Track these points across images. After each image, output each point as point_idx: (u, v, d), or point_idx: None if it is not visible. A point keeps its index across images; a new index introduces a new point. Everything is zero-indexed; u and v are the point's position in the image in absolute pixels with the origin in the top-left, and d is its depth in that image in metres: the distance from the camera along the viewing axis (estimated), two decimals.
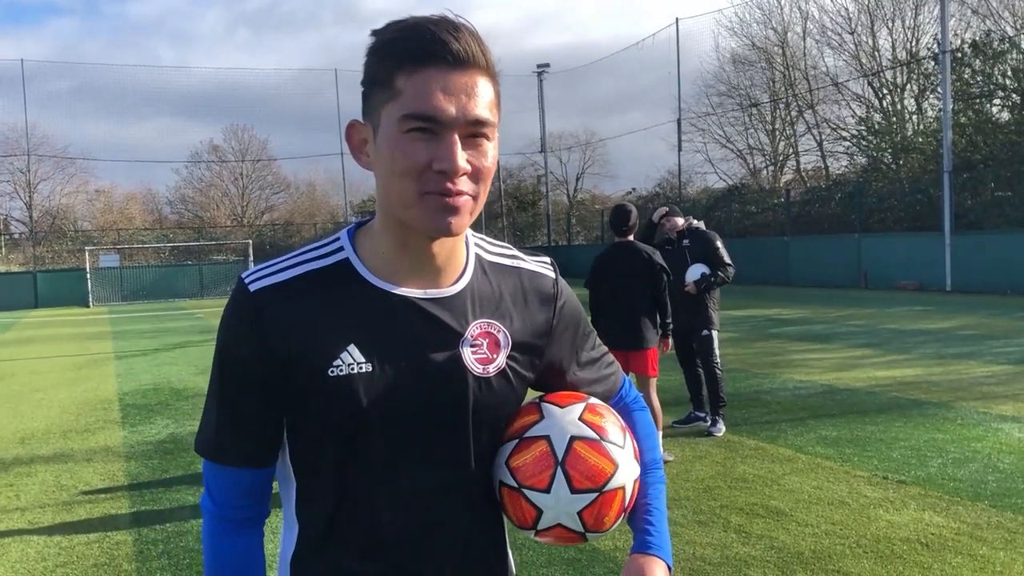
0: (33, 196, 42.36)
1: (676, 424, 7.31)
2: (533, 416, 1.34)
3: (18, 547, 4.97)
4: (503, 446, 1.33)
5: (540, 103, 43.45)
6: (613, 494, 1.31)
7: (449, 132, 1.15)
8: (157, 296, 32.76)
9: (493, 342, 1.31)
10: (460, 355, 1.27)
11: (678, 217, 7.40)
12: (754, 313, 17.37)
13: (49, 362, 14.07)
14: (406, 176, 1.16)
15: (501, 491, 1.33)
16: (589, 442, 1.31)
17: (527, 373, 1.36)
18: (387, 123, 1.17)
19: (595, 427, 1.33)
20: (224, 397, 1.29)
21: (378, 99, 1.18)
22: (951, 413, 7.47)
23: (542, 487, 1.29)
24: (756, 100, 38.20)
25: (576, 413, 1.34)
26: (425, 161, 1.15)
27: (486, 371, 1.29)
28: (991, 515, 4.82)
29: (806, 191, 33.36)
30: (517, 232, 46.01)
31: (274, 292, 1.24)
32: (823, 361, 10.84)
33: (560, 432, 1.31)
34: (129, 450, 7.27)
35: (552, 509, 1.30)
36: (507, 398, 1.33)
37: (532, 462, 1.30)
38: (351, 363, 1.23)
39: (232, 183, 51.91)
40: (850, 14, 34.22)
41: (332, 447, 1.26)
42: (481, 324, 1.30)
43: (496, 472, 1.34)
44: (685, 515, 5.02)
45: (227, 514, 1.33)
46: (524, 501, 1.30)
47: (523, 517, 1.32)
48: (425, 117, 1.14)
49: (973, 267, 21.57)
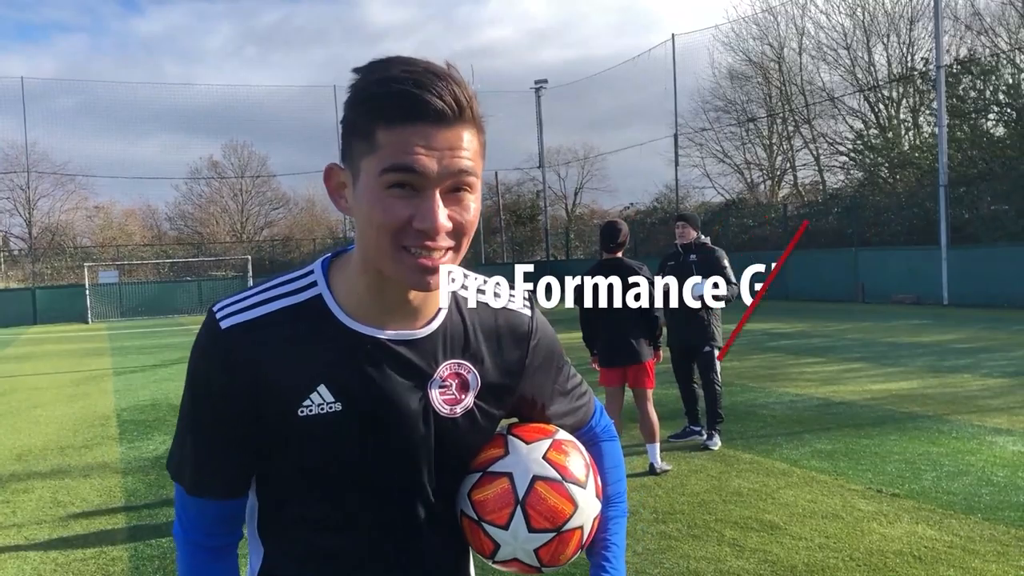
0: (33, 213, 42.47)
1: (672, 438, 7.33)
2: (498, 451, 1.36)
3: (14, 563, 4.98)
4: (467, 477, 1.35)
5: (538, 118, 43.65)
6: (571, 534, 1.34)
7: (431, 189, 1.13)
8: (156, 312, 32.73)
9: (462, 383, 1.31)
10: (428, 396, 1.27)
11: (693, 228, 7.29)
12: (751, 327, 17.39)
13: (47, 378, 14.08)
14: (384, 231, 1.14)
15: (462, 520, 1.36)
16: (550, 483, 1.33)
17: (496, 411, 1.37)
18: (367, 175, 1.14)
19: (558, 466, 1.34)
20: (197, 430, 1.30)
21: (358, 149, 1.15)
22: (946, 426, 7.49)
23: (501, 523, 1.31)
24: (753, 115, 38.36)
25: (541, 451, 1.35)
26: (405, 218, 1.13)
27: (452, 411, 1.30)
28: (984, 528, 4.84)
29: (803, 205, 33.47)
30: (516, 246, 46.07)
31: (243, 331, 1.23)
32: (819, 374, 10.87)
33: (523, 470, 1.33)
34: (126, 466, 7.28)
35: (509, 545, 1.32)
36: (472, 437, 1.34)
37: (493, 498, 1.32)
38: (320, 403, 1.23)
39: (231, 199, 51.96)
40: (845, 30, 34.40)
41: (299, 483, 1.28)
42: (451, 365, 1.30)
43: (459, 501, 1.36)
44: (679, 529, 5.04)
45: (203, 542, 1.33)
46: (483, 534, 1.33)
47: (481, 548, 1.35)
48: (406, 174, 1.11)
49: (970, 281, 21.62)
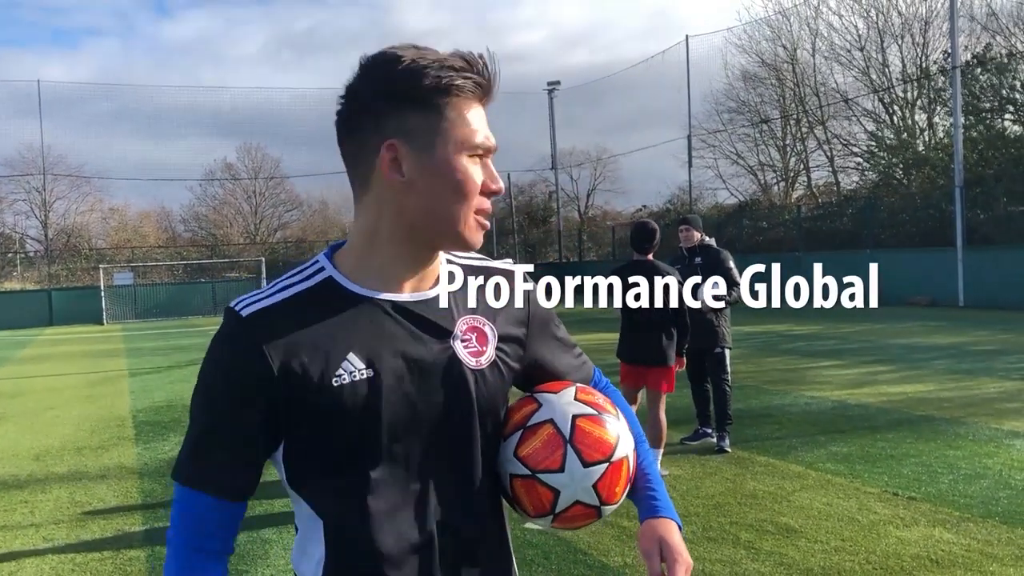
0: (48, 215, 42.80)
1: (685, 441, 7.31)
2: (531, 406, 1.40)
3: (33, 563, 5.02)
4: (506, 441, 1.38)
5: (551, 120, 43.68)
6: (620, 463, 1.38)
7: (489, 159, 1.32)
8: (171, 313, 32.89)
9: (481, 336, 1.36)
10: (454, 350, 1.33)
11: (696, 231, 7.25)
12: (766, 329, 17.33)
13: (63, 379, 14.18)
14: (468, 196, 1.28)
15: (513, 484, 1.37)
16: (590, 417, 1.38)
17: (514, 364, 1.41)
18: (445, 147, 1.26)
19: (591, 404, 1.41)
20: (215, 425, 1.30)
21: (419, 122, 1.26)
22: (963, 429, 7.44)
23: (556, 467, 1.34)
24: (767, 116, 38.21)
25: (570, 395, 1.42)
26: (480, 184, 1.29)
27: (479, 363, 1.35)
28: (1002, 532, 4.81)
29: (817, 207, 33.30)
30: (528, 248, 46.05)
31: (267, 314, 1.28)
32: (834, 377, 10.82)
33: (561, 413, 1.38)
34: (143, 467, 7.33)
35: (568, 487, 1.34)
36: (500, 389, 1.39)
37: (542, 446, 1.35)
38: (352, 371, 1.26)
39: (245, 201, 52.20)
40: (859, 31, 34.17)
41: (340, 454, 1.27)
42: (467, 320, 1.36)
43: (505, 467, 1.37)
44: (695, 531, 5.02)
45: (201, 544, 1.31)
46: (540, 486, 1.35)
47: (540, 504, 1.36)
48: (484, 147, 1.29)
49: (986, 282, 21.46)
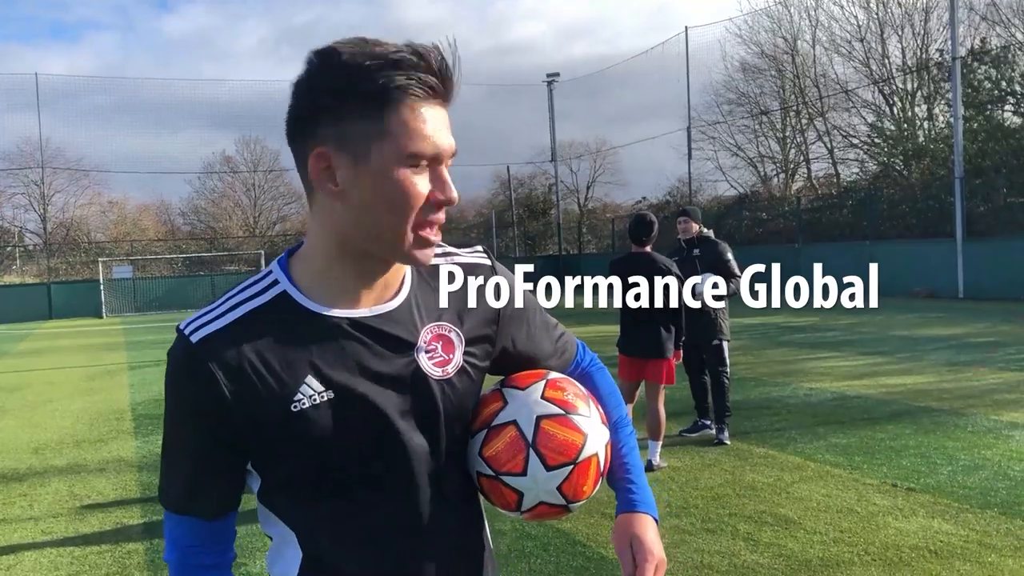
0: (47, 208, 42.73)
1: (684, 433, 7.31)
2: (497, 404, 1.37)
3: (32, 556, 5.02)
4: (473, 438, 1.36)
5: (550, 112, 43.58)
6: (587, 462, 1.35)
7: (442, 165, 1.19)
8: (170, 307, 32.86)
9: (447, 344, 1.32)
10: (418, 363, 1.27)
11: (695, 223, 7.23)
12: (764, 320, 17.33)
13: (63, 373, 14.18)
14: (405, 211, 1.17)
15: (480, 481, 1.36)
16: (555, 418, 1.34)
17: (484, 364, 1.38)
18: (382, 157, 1.15)
19: (558, 402, 1.36)
20: (185, 451, 1.27)
21: (358, 130, 1.15)
22: (962, 420, 7.44)
23: (518, 471, 1.32)
24: (766, 108, 38.12)
25: (538, 392, 1.37)
26: (425, 195, 1.17)
27: (446, 372, 1.30)
28: (1001, 523, 4.81)
29: (817, 198, 33.27)
30: (528, 241, 46.01)
31: (217, 340, 1.20)
32: (834, 368, 10.82)
33: (526, 414, 1.34)
34: (142, 460, 7.33)
35: (532, 490, 1.33)
36: (469, 392, 1.35)
37: (504, 449, 1.33)
38: (312, 394, 1.21)
39: (244, 194, 52.06)
40: (859, 22, 34.03)
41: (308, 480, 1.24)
42: (431, 328, 1.30)
43: (472, 464, 1.36)
44: (693, 523, 5.02)
45: (200, 562, 1.30)
46: (504, 487, 1.34)
47: (506, 502, 1.35)
48: (430, 154, 1.16)
49: (985, 273, 21.47)
